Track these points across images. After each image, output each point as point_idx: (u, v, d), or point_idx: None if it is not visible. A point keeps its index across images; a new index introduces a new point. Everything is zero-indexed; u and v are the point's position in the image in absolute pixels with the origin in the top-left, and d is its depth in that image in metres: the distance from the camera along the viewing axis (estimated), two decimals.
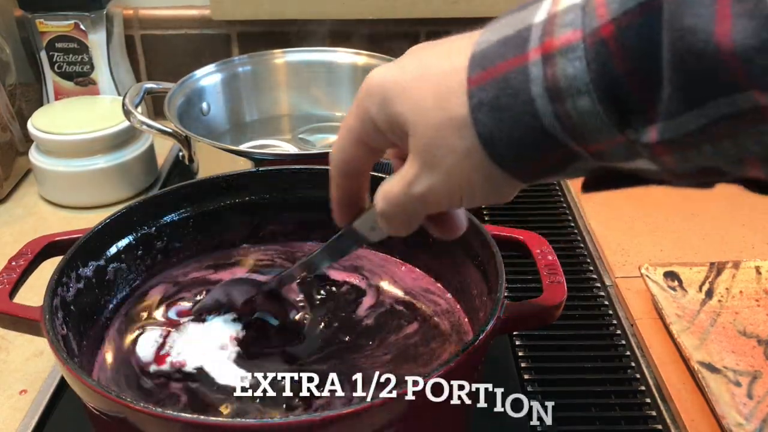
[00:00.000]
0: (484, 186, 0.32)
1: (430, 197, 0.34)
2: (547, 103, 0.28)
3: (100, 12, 0.93)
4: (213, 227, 0.60)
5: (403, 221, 0.37)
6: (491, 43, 0.30)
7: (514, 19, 0.30)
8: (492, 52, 0.30)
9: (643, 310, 0.65)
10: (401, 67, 0.34)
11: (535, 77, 0.28)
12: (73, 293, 0.49)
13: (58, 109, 0.89)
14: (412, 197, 0.34)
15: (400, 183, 0.35)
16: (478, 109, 0.30)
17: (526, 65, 0.29)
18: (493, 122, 0.30)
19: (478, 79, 0.30)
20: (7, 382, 0.60)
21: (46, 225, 0.82)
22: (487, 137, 0.30)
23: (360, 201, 0.41)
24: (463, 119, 0.31)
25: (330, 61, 0.92)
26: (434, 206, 0.35)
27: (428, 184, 0.33)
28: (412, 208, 0.35)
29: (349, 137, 0.37)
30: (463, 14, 0.96)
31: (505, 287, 0.45)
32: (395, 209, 0.36)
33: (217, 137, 0.87)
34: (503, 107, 0.29)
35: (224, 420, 0.37)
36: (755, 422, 0.52)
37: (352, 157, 0.38)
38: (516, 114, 0.29)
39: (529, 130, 0.29)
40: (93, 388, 0.39)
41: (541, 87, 0.28)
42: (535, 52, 0.28)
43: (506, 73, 0.29)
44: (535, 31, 0.29)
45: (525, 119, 0.29)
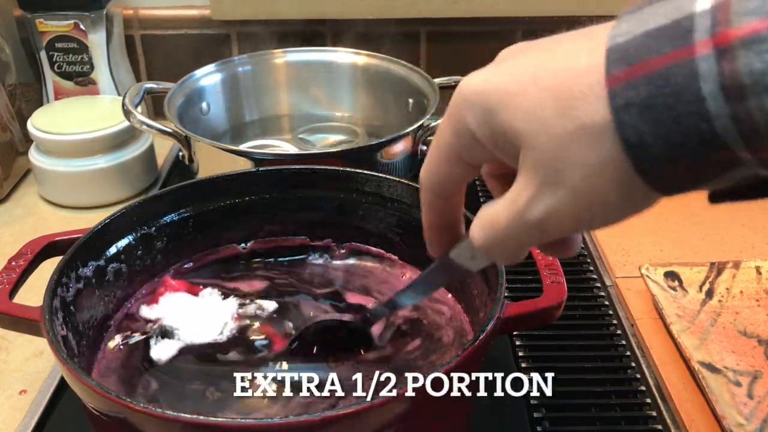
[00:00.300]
0: (620, 202, 0.28)
1: (551, 222, 0.29)
2: (723, 104, 0.24)
3: (100, 12, 0.93)
4: (213, 227, 0.60)
5: (513, 252, 0.32)
6: (635, 36, 0.26)
7: (665, 7, 0.26)
8: (639, 46, 0.26)
9: (643, 310, 0.65)
10: (505, 71, 0.30)
11: (705, 73, 0.25)
12: (73, 293, 0.49)
13: (58, 109, 0.89)
14: (527, 224, 0.30)
15: (510, 208, 0.30)
16: (624, 110, 0.26)
17: (693, 60, 0.25)
18: (647, 125, 0.26)
19: (624, 77, 0.26)
20: (7, 382, 0.60)
21: (46, 225, 0.82)
22: (635, 143, 0.26)
23: (456, 225, 0.37)
24: (599, 126, 0.27)
25: (330, 61, 0.92)
26: (554, 232, 0.30)
27: (550, 207, 0.29)
28: (526, 237, 0.30)
29: (443, 154, 0.33)
30: (463, 14, 0.96)
31: (505, 287, 0.45)
32: (504, 240, 0.31)
33: (217, 137, 0.87)
34: (661, 108, 0.25)
35: (224, 420, 0.37)
36: (755, 422, 0.52)
37: (447, 176, 0.34)
38: (678, 115, 0.25)
39: (693, 133, 0.25)
40: (93, 388, 0.39)
41: (715, 84, 0.24)
42: (704, 45, 0.25)
43: (664, 68, 0.25)
44: (700, 20, 0.25)
45: (690, 121, 0.25)
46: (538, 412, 0.55)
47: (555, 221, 0.29)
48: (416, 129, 0.75)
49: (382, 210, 0.59)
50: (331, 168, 0.60)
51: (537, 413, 0.55)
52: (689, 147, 0.26)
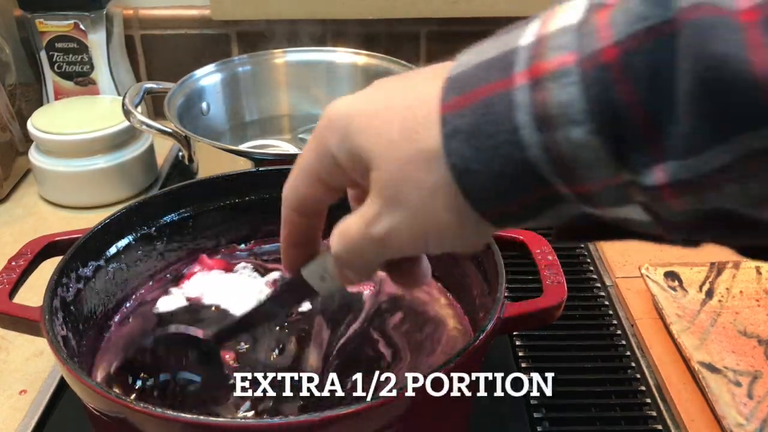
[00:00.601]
0: (452, 228, 0.29)
1: (391, 239, 0.30)
2: (534, 133, 0.25)
3: (100, 12, 0.93)
4: (213, 227, 0.60)
5: (359, 266, 0.33)
6: (470, 67, 0.27)
7: (497, 42, 0.27)
8: (471, 76, 0.27)
9: (643, 310, 0.65)
10: (366, 98, 0.31)
11: (520, 103, 0.25)
12: (73, 293, 0.49)
13: (58, 109, 0.89)
14: (371, 239, 0.31)
15: (358, 222, 0.31)
16: (452, 136, 0.27)
17: (511, 90, 0.26)
18: (470, 152, 0.27)
19: (454, 105, 0.27)
20: (7, 382, 0.60)
21: (46, 225, 0.82)
22: (461, 168, 0.27)
23: (312, 245, 0.37)
24: (433, 151, 0.28)
25: (330, 61, 0.92)
26: (395, 250, 0.31)
27: (390, 225, 0.30)
28: (370, 252, 0.32)
29: (305, 174, 0.34)
30: (463, 14, 0.96)
31: (505, 287, 0.45)
32: (351, 252, 0.32)
33: (217, 137, 0.87)
34: (483, 135, 0.26)
35: (224, 420, 0.37)
36: (755, 422, 0.52)
37: (306, 196, 0.34)
38: (497, 143, 0.26)
39: (510, 161, 0.26)
40: (93, 388, 0.39)
41: (527, 114, 0.25)
42: (522, 76, 0.25)
43: (487, 97, 0.26)
44: (522, 53, 0.26)
45: (507, 150, 0.26)
46: (538, 412, 0.55)
47: (395, 239, 0.30)
48: None
49: None
50: None
51: (537, 413, 0.55)
52: (508, 175, 0.26)
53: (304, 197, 0.35)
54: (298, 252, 0.38)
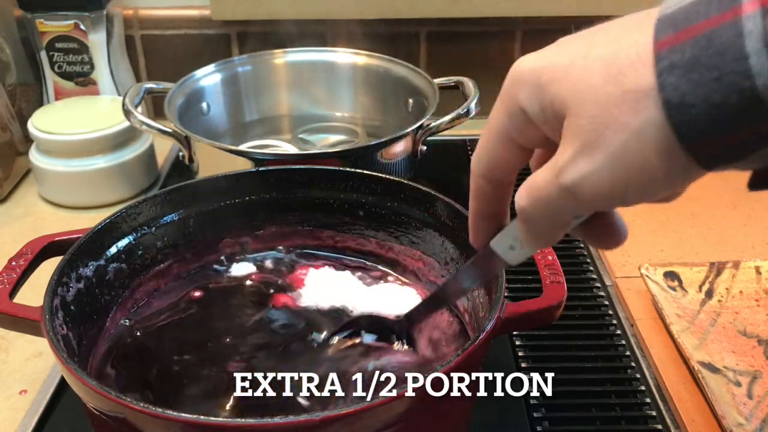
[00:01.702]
0: (657, 172, 0.28)
1: (585, 188, 0.29)
2: (765, 59, 0.25)
3: (100, 12, 0.93)
4: (213, 227, 0.60)
5: (547, 223, 0.32)
6: (684, 4, 0.27)
7: None
8: (688, 12, 0.27)
9: (643, 310, 0.65)
10: (557, 50, 0.31)
11: (750, 31, 0.25)
12: (73, 293, 0.49)
13: (58, 109, 0.89)
14: (561, 187, 0.30)
15: (547, 172, 0.30)
16: (668, 71, 0.26)
17: (739, 19, 0.25)
18: (688, 84, 0.26)
19: (671, 41, 0.27)
20: (6, 383, 0.60)
21: (46, 225, 0.82)
22: (676, 103, 0.26)
23: (501, 215, 0.37)
24: (643, 91, 0.27)
25: (330, 61, 0.92)
26: (589, 199, 0.30)
27: (586, 170, 0.29)
28: (560, 203, 0.30)
29: (495, 136, 0.33)
30: (463, 14, 0.96)
31: (505, 287, 0.45)
32: (539, 205, 0.31)
33: (217, 137, 0.87)
34: (703, 67, 0.26)
35: (224, 420, 0.37)
36: (755, 422, 0.52)
37: (497, 159, 0.34)
38: (721, 74, 0.25)
39: (734, 92, 0.25)
40: (93, 388, 0.39)
41: (759, 41, 0.25)
42: (752, 4, 0.25)
43: (710, 30, 0.26)
44: None
45: (732, 79, 0.25)
46: (538, 412, 0.55)
47: (589, 186, 0.29)
48: (416, 129, 0.75)
49: (382, 210, 0.59)
50: (331, 168, 0.60)
51: (537, 413, 0.55)
52: (730, 107, 0.26)
53: (495, 161, 0.34)
54: (488, 224, 0.37)
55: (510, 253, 0.37)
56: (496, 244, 0.37)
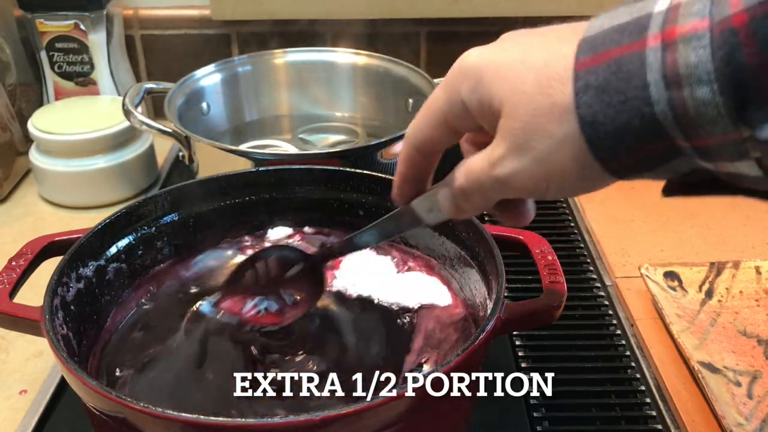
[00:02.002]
0: (573, 175, 0.32)
1: (513, 181, 0.33)
2: (663, 90, 0.28)
3: (100, 12, 0.93)
4: (213, 227, 0.60)
5: (477, 201, 0.37)
6: (604, 29, 0.30)
7: (631, 8, 0.30)
8: (605, 38, 0.30)
9: (643, 310, 0.65)
10: (500, 50, 0.34)
11: (651, 63, 0.28)
12: (73, 293, 0.49)
13: (58, 109, 0.89)
14: (493, 178, 0.34)
15: (483, 162, 0.34)
16: (583, 91, 0.30)
17: (644, 51, 0.28)
18: (599, 105, 0.29)
19: (588, 63, 0.30)
20: (7, 383, 0.60)
21: (46, 225, 0.82)
22: (589, 120, 0.30)
23: (424, 181, 0.41)
24: (566, 106, 0.30)
25: (330, 61, 0.92)
26: (515, 191, 0.34)
27: (514, 168, 0.33)
28: (490, 189, 0.35)
29: (432, 116, 0.37)
30: (463, 14, 0.96)
31: (505, 287, 0.45)
32: (473, 187, 0.36)
33: (217, 137, 0.87)
34: (612, 90, 0.29)
35: (224, 420, 0.37)
36: (755, 422, 0.52)
37: (431, 137, 0.38)
38: (626, 99, 0.29)
39: (637, 115, 0.29)
40: (93, 388, 0.39)
41: (658, 73, 0.28)
42: (655, 39, 0.28)
43: (620, 57, 0.29)
44: (655, 18, 0.29)
45: (635, 104, 0.29)
46: (538, 412, 0.55)
47: (517, 181, 0.33)
48: None
49: (382, 210, 0.59)
50: (331, 168, 0.60)
51: (537, 413, 0.55)
52: (633, 128, 0.29)
53: (429, 138, 0.38)
54: (411, 186, 0.41)
55: (428, 215, 0.41)
56: (416, 205, 0.41)
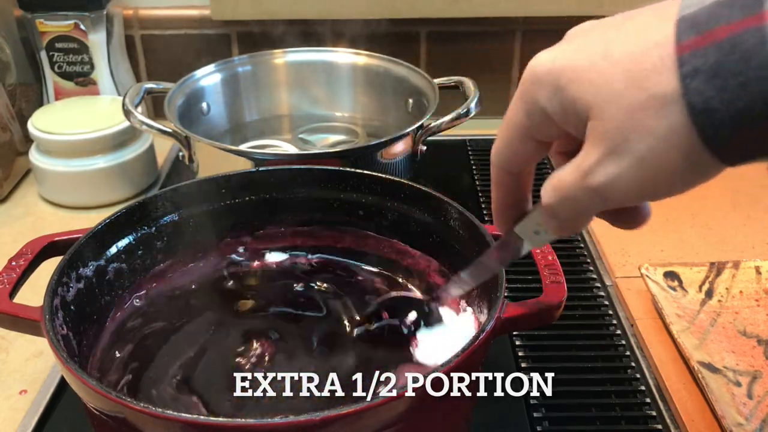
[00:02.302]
0: (683, 171, 0.29)
1: (612, 189, 0.30)
2: None
3: (100, 12, 0.93)
4: (213, 227, 0.60)
5: (572, 217, 0.33)
6: (706, 5, 0.27)
7: None
8: (710, 15, 0.27)
9: (643, 310, 0.65)
10: (574, 48, 0.31)
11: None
12: (73, 293, 0.49)
13: (58, 109, 0.89)
14: (588, 189, 0.31)
15: (574, 172, 0.31)
16: (691, 76, 0.27)
17: (763, 26, 0.25)
18: (713, 90, 0.27)
19: (693, 44, 0.27)
20: (6, 383, 0.60)
21: (46, 225, 0.82)
22: (701, 108, 0.27)
23: (523, 202, 0.38)
24: (667, 96, 0.28)
25: (330, 61, 0.92)
26: (615, 200, 0.31)
27: (612, 173, 0.30)
28: (587, 202, 0.32)
29: (514, 132, 0.34)
30: (463, 14, 0.96)
31: (505, 287, 0.45)
32: (565, 203, 0.32)
33: (217, 137, 0.87)
34: (728, 73, 0.26)
35: (224, 420, 0.37)
36: (755, 422, 0.52)
37: (517, 154, 0.35)
38: (746, 80, 0.26)
39: (759, 98, 0.26)
40: (93, 388, 0.38)
41: None
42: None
43: (733, 35, 0.26)
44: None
45: (757, 86, 0.26)
46: (538, 412, 0.55)
47: (617, 189, 0.30)
48: (416, 129, 0.75)
49: (381, 210, 0.59)
50: (331, 168, 0.60)
51: (537, 413, 0.55)
52: (755, 112, 0.26)
53: (515, 155, 0.35)
54: (511, 211, 0.39)
55: (535, 238, 0.39)
56: (520, 230, 0.39)
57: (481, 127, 0.89)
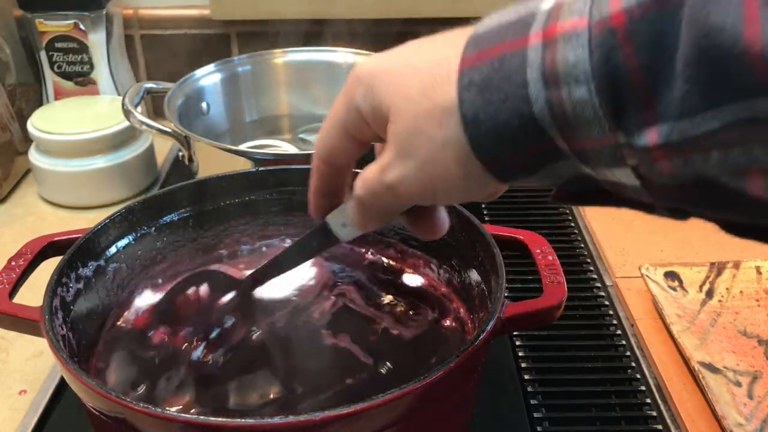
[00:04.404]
0: (458, 179, 0.31)
1: (401, 187, 0.33)
2: (541, 89, 0.27)
3: (99, 12, 0.93)
4: (213, 227, 0.60)
5: (376, 212, 0.36)
6: (490, 27, 0.30)
7: (522, 6, 0.29)
8: (490, 35, 0.29)
9: (643, 310, 0.65)
10: (392, 56, 0.34)
11: (532, 61, 0.27)
12: (73, 293, 0.49)
13: (58, 109, 0.89)
14: (384, 184, 0.33)
15: (375, 169, 0.34)
16: (466, 89, 0.29)
17: (525, 49, 0.28)
18: (481, 102, 0.29)
19: (472, 60, 0.29)
20: (6, 383, 0.60)
21: (46, 225, 0.82)
22: (470, 118, 0.29)
23: (338, 195, 0.40)
24: (448, 108, 0.30)
25: (330, 61, 0.92)
26: (406, 198, 0.34)
27: (401, 173, 0.32)
28: (384, 197, 0.34)
29: (334, 126, 0.36)
30: (463, 14, 0.96)
31: (505, 287, 0.45)
32: (369, 197, 0.35)
33: (217, 137, 0.87)
34: (494, 88, 0.28)
35: (224, 420, 0.37)
36: (755, 422, 0.52)
37: (336, 147, 0.37)
38: (506, 96, 0.28)
39: (516, 114, 0.28)
40: (93, 388, 0.39)
41: (537, 72, 0.27)
42: (536, 37, 0.28)
43: (502, 54, 0.28)
44: (539, 16, 0.28)
45: (514, 102, 0.28)
46: (538, 412, 0.55)
47: (405, 187, 0.33)
48: None
49: None
50: None
51: (537, 413, 0.55)
52: (513, 127, 0.28)
53: (333, 149, 0.37)
54: (324, 200, 0.40)
55: (342, 230, 0.41)
56: (330, 219, 0.41)
57: None
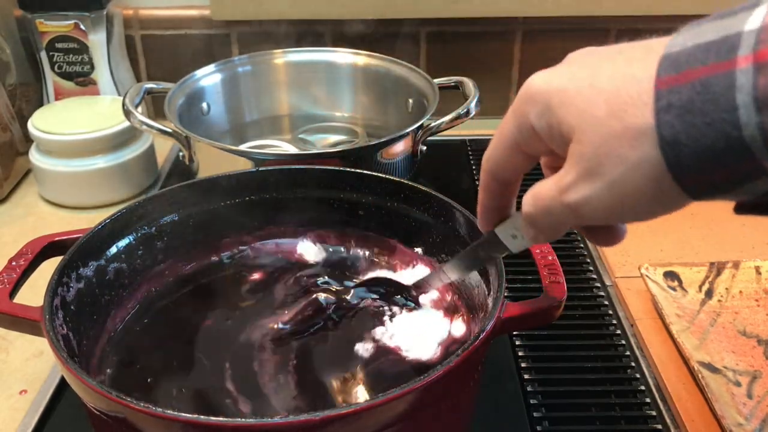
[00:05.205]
0: (651, 199, 0.31)
1: (585, 208, 0.33)
2: (753, 114, 0.27)
3: (100, 12, 0.93)
4: (213, 227, 0.60)
5: (548, 228, 0.36)
6: (687, 47, 0.29)
7: (718, 25, 0.29)
8: (689, 56, 0.29)
9: (643, 310, 0.65)
10: (568, 75, 0.33)
11: (742, 85, 0.27)
12: (74, 293, 0.49)
13: (58, 109, 0.89)
14: (563, 205, 0.33)
15: (553, 188, 0.34)
16: (665, 111, 0.29)
17: (733, 72, 0.27)
18: (682, 126, 0.28)
19: (670, 81, 0.29)
20: (7, 382, 0.60)
21: (46, 225, 0.82)
22: (670, 141, 0.29)
23: (506, 208, 0.41)
24: (642, 128, 0.30)
25: (330, 61, 0.92)
26: (587, 218, 0.33)
27: (586, 194, 0.32)
28: (561, 217, 0.34)
29: (504, 142, 0.36)
30: (463, 14, 0.96)
31: (505, 287, 0.45)
32: (542, 214, 0.35)
33: (217, 137, 0.87)
34: (697, 111, 0.28)
35: (224, 420, 0.37)
36: (755, 422, 0.52)
37: (505, 163, 0.37)
38: (712, 120, 0.28)
39: (723, 138, 0.28)
40: (93, 388, 0.39)
41: (749, 96, 0.27)
42: (745, 60, 0.27)
43: (706, 77, 0.28)
44: (746, 38, 0.27)
45: (722, 127, 0.28)
46: (538, 412, 0.55)
47: (589, 208, 0.32)
48: (416, 129, 0.75)
49: (381, 210, 0.59)
50: (331, 168, 0.60)
51: (537, 413, 0.55)
52: (718, 151, 0.28)
53: (504, 165, 0.38)
54: (493, 214, 0.41)
55: (512, 242, 0.41)
56: (500, 231, 0.41)
57: (481, 127, 0.89)
